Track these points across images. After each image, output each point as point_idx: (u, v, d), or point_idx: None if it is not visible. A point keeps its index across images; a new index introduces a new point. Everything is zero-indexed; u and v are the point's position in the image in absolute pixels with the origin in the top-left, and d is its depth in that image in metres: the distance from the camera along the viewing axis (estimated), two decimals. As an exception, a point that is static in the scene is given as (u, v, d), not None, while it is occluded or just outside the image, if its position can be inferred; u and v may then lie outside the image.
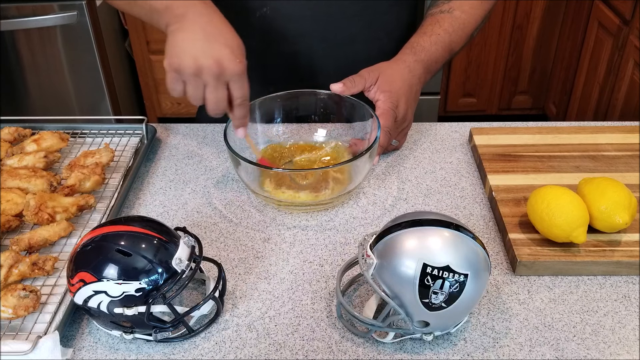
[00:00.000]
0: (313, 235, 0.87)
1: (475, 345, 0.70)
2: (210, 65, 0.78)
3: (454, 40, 1.04)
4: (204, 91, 0.81)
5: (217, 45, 0.79)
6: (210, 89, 0.81)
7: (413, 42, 1.02)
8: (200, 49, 0.79)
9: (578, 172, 0.94)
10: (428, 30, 1.03)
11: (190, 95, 0.82)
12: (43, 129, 1.06)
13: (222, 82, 0.80)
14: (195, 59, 0.78)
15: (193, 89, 0.81)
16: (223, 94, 0.82)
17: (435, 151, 1.04)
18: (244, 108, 0.85)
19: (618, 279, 0.79)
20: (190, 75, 0.79)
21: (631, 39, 2.03)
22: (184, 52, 0.79)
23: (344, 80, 0.95)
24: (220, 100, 0.82)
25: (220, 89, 0.81)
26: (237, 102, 0.83)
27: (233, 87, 0.82)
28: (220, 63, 0.78)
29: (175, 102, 2.90)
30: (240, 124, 0.87)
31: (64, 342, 0.71)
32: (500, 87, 2.85)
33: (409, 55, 1.01)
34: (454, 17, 1.05)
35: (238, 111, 0.85)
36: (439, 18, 1.05)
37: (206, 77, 0.79)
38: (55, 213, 0.84)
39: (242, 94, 0.83)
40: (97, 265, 0.66)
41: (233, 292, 0.78)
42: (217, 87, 0.80)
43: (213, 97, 0.81)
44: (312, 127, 1.03)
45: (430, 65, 1.03)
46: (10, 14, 2.29)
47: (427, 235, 0.66)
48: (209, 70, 0.78)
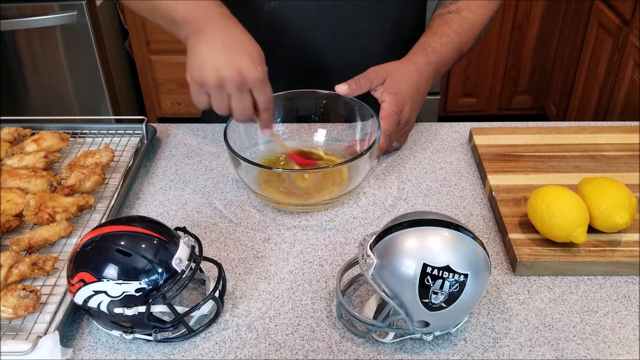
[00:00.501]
0: (313, 235, 0.87)
1: (475, 345, 0.70)
2: (232, 75, 0.79)
3: (463, 41, 1.03)
4: (229, 101, 0.82)
5: (236, 55, 0.80)
6: (235, 98, 0.81)
7: (424, 43, 1.01)
8: (221, 61, 0.79)
9: (578, 172, 0.94)
10: (438, 31, 1.02)
11: (216, 107, 0.83)
12: (43, 129, 1.06)
13: (245, 91, 0.81)
14: (217, 70, 0.79)
15: (218, 101, 0.82)
16: (248, 102, 0.82)
17: (435, 151, 1.04)
18: (269, 112, 0.86)
19: (618, 279, 0.79)
20: (214, 87, 0.80)
21: (631, 39, 2.03)
22: (204, 65, 0.80)
23: (349, 82, 0.94)
24: (246, 108, 0.83)
25: (245, 97, 0.82)
26: (262, 107, 0.84)
27: (257, 93, 0.82)
28: (241, 72, 0.79)
29: (175, 102, 2.90)
30: (266, 125, 0.88)
31: (64, 342, 0.71)
32: (500, 87, 2.85)
33: (420, 57, 1.00)
34: (462, 17, 1.04)
35: (264, 115, 0.86)
36: (448, 19, 1.04)
37: (229, 88, 0.80)
38: (55, 213, 0.84)
39: (266, 99, 0.83)
40: (97, 265, 0.66)
41: (233, 292, 0.78)
42: (241, 96, 0.81)
43: (239, 107, 0.82)
44: (312, 127, 1.03)
45: (441, 67, 1.02)
46: (10, 14, 2.29)
47: (427, 235, 0.66)
48: (231, 81, 0.79)
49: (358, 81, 0.94)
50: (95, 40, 2.39)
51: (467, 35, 1.04)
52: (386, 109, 0.94)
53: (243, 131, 0.96)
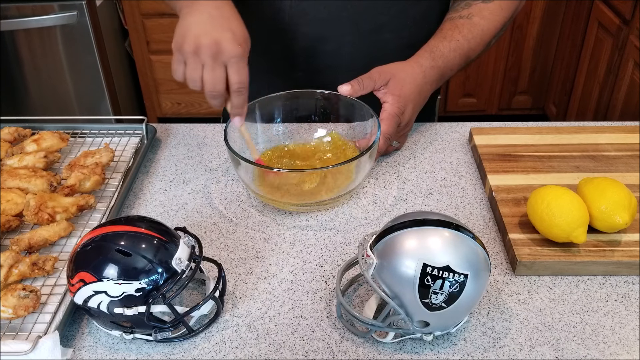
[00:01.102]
0: (313, 235, 0.87)
1: (475, 345, 0.70)
2: (209, 43, 0.80)
3: (472, 48, 1.03)
4: (201, 72, 0.82)
5: (219, 27, 0.81)
6: (207, 68, 0.81)
7: (432, 47, 1.01)
8: (203, 30, 0.81)
9: (578, 172, 0.94)
10: (447, 35, 1.01)
11: (188, 75, 0.83)
12: (43, 129, 1.06)
13: (219, 63, 0.81)
14: (197, 37, 0.80)
15: (191, 69, 0.82)
16: (220, 75, 0.82)
17: (435, 151, 1.04)
18: (241, 95, 0.84)
19: (618, 279, 0.79)
20: (190, 53, 0.81)
21: (631, 39, 2.03)
22: (187, 32, 0.82)
23: (352, 82, 0.94)
24: (217, 81, 0.82)
25: (217, 69, 0.81)
26: (234, 88, 0.83)
27: (230, 70, 0.82)
28: (219, 43, 0.80)
29: (175, 102, 2.91)
30: (237, 113, 0.87)
31: (64, 342, 0.71)
32: (500, 87, 2.85)
33: (426, 60, 0.99)
34: (473, 23, 1.03)
35: (235, 98, 0.85)
36: (458, 23, 1.03)
37: (204, 56, 0.80)
38: (55, 213, 0.84)
39: (240, 79, 0.83)
40: (97, 265, 0.66)
41: (233, 292, 0.78)
42: (214, 67, 0.81)
43: (209, 77, 0.82)
44: (312, 127, 1.03)
45: (446, 72, 1.02)
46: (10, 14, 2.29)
47: (427, 235, 0.66)
48: (207, 49, 0.80)
49: (361, 82, 0.94)
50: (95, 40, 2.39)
51: (477, 42, 1.03)
52: (388, 110, 0.94)
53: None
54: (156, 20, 2.65)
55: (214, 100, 0.85)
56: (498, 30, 1.06)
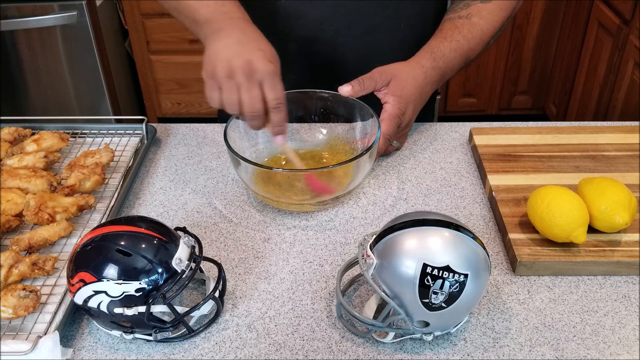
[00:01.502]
0: (313, 235, 0.87)
1: (475, 345, 0.70)
2: (242, 65, 0.79)
3: (471, 48, 1.03)
4: (238, 94, 0.81)
5: (248, 48, 0.81)
6: (244, 89, 0.81)
7: (433, 47, 1.00)
8: (233, 53, 0.80)
9: (578, 172, 0.94)
10: (448, 36, 1.01)
11: (226, 100, 0.82)
12: (43, 129, 1.06)
13: (254, 82, 0.81)
14: (228, 61, 0.80)
15: (227, 93, 0.81)
16: (257, 94, 0.81)
17: (435, 151, 1.04)
18: (280, 112, 0.84)
19: (618, 279, 0.79)
20: (224, 77, 0.80)
21: (631, 39, 2.03)
22: (217, 58, 0.81)
23: (352, 82, 0.93)
24: (255, 100, 0.81)
25: (254, 89, 0.81)
26: (272, 105, 0.82)
27: (266, 88, 0.81)
28: (251, 63, 0.79)
29: (175, 102, 2.91)
30: (278, 131, 0.86)
31: (64, 342, 0.71)
32: (500, 87, 2.85)
33: (427, 61, 0.99)
34: (473, 23, 1.03)
35: (274, 116, 0.84)
36: (458, 24, 1.03)
37: (239, 78, 0.80)
38: (55, 213, 0.84)
39: (276, 95, 0.82)
40: (97, 265, 0.66)
41: (233, 292, 0.78)
42: (250, 87, 0.81)
43: (247, 98, 0.81)
44: (312, 127, 1.03)
45: (446, 73, 1.02)
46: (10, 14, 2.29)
47: (427, 235, 0.66)
48: (240, 70, 0.79)
49: (362, 82, 0.94)
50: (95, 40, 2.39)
51: (477, 42, 1.03)
52: (388, 111, 0.94)
53: (243, 131, 0.96)
54: (156, 20, 2.65)
55: (254, 121, 0.84)
56: (497, 30, 1.06)
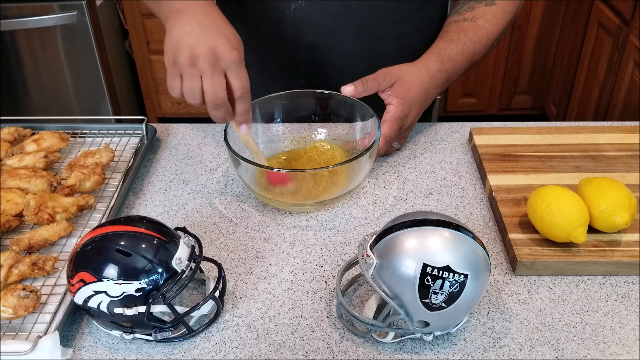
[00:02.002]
0: (313, 235, 0.87)
1: (475, 345, 0.70)
2: (206, 52, 0.76)
3: (477, 51, 1.03)
4: (201, 83, 0.78)
5: (212, 34, 0.78)
6: (206, 77, 0.78)
7: (440, 49, 1.00)
8: (195, 39, 0.77)
9: (578, 172, 0.94)
10: (454, 38, 1.01)
11: (187, 88, 0.79)
12: (43, 129, 1.06)
13: (218, 70, 0.78)
14: (191, 48, 0.77)
15: (189, 81, 0.78)
16: (221, 81, 0.78)
17: (435, 151, 1.04)
18: (245, 101, 0.81)
19: (618, 279, 0.79)
20: (186, 65, 0.77)
21: (631, 39, 2.03)
22: (179, 45, 0.78)
23: (355, 83, 0.93)
24: (218, 88, 0.78)
25: (217, 76, 0.78)
26: (238, 94, 0.80)
27: (231, 76, 0.79)
28: (215, 50, 0.77)
29: (175, 102, 2.90)
30: (242, 120, 0.84)
31: (64, 342, 0.71)
32: (500, 87, 2.85)
33: (434, 63, 0.99)
34: (478, 26, 1.03)
35: (239, 105, 0.81)
36: (464, 26, 1.03)
37: (202, 66, 0.77)
38: (55, 213, 0.84)
39: (241, 84, 0.80)
40: (97, 265, 0.66)
41: (233, 292, 0.78)
42: (213, 75, 0.78)
43: (210, 86, 0.78)
44: (312, 127, 1.03)
45: (452, 75, 1.02)
46: (10, 14, 2.29)
47: (427, 235, 0.66)
48: (204, 58, 0.76)
49: (365, 83, 0.93)
50: (95, 40, 2.39)
51: (482, 44, 1.03)
52: (391, 113, 0.93)
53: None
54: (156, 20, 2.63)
55: (217, 110, 0.80)
56: (501, 32, 1.06)
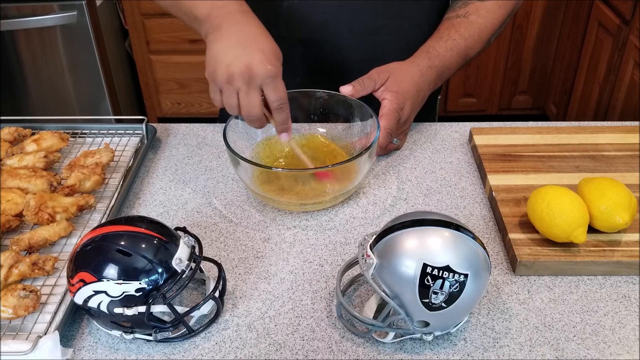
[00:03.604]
0: (313, 235, 0.87)
1: (475, 345, 0.70)
2: (241, 70, 0.78)
3: (469, 46, 1.03)
4: (237, 99, 0.81)
5: (248, 50, 0.80)
6: (242, 94, 0.80)
7: (429, 47, 1.01)
8: (232, 56, 0.79)
9: (578, 172, 0.94)
10: (444, 35, 1.02)
11: (226, 103, 0.82)
12: (43, 129, 1.06)
13: (254, 87, 0.80)
14: (227, 66, 0.79)
15: (227, 97, 0.81)
16: (255, 99, 0.81)
17: (435, 151, 1.04)
18: (283, 112, 0.84)
19: (618, 279, 0.79)
20: (224, 82, 0.80)
21: (631, 39, 2.03)
22: (217, 62, 0.80)
23: (353, 83, 0.95)
24: (252, 105, 0.81)
25: (253, 94, 0.80)
26: (274, 106, 0.82)
27: (267, 90, 0.81)
28: (250, 67, 0.78)
29: (175, 102, 2.90)
30: (282, 129, 0.86)
31: (64, 342, 0.71)
32: (500, 87, 2.85)
33: (423, 60, 1.00)
34: (470, 21, 1.03)
35: (278, 115, 0.84)
36: (455, 23, 1.03)
37: (238, 83, 0.79)
38: (55, 213, 0.84)
39: (278, 97, 0.82)
40: (97, 265, 0.66)
41: (233, 292, 0.78)
42: (248, 92, 0.80)
43: (245, 103, 0.81)
44: (312, 127, 1.03)
45: (444, 71, 1.02)
46: (10, 14, 2.29)
47: (427, 235, 0.66)
48: (239, 76, 0.79)
49: (362, 82, 0.95)
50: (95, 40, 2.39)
51: (474, 40, 1.03)
52: (387, 107, 0.94)
53: (243, 131, 0.96)
54: (156, 20, 2.65)
55: (253, 123, 0.84)
56: (496, 27, 1.06)
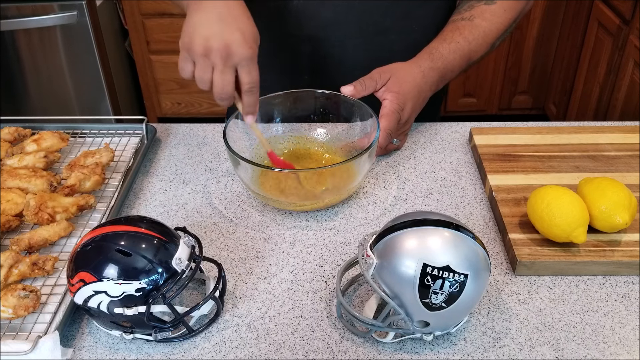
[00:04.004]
0: (313, 235, 0.87)
1: (475, 345, 0.70)
2: (220, 47, 0.79)
3: (473, 49, 1.03)
4: (211, 74, 0.81)
5: (229, 28, 0.80)
6: (217, 71, 0.81)
7: (432, 49, 1.02)
8: (212, 31, 0.80)
9: (578, 172, 0.94)
10: (448, 37, 1.03)
11: (198, 76, 0.82)
12: (43, 129, 1.06)
13: (229, 66, 0.80)
14: (206, 39, 0.79)
15: (201, 71, 0.81)
16: (230, 78, 0.81)
17: (435, 151, 1.04)
18: (253, 95, 0.84)
19: (618, 279, 0.79)
20: (200, 55, 0.80)
21: (631, 39, 2.03)
22: (196, 33, 0.80)
23: (354, 83, 0.95)
24: (226, 84, 0.81)
25: (228, 72, 0.81)
26: (246, 88, 0.83)
27: (241, 72, 0.81)
28: (229, 46, 0.79)
29: (175, 102, 2.90)
30: (249, 111, 0.87)
31: (64, 342, 0.71)
32: (500, 87, 2.85)
33: (425, 61, 1.00)
34: (475, 25, 1.03)
35: (247, 98, 0.84)
36: (460, 25, 1.04)
37: (214, 59, 0.80)
38: (55, 213, 0.84)
39: (251, 79, 0.82)
40: (97, 265, 0.66)
41: (233, 292, 0.78)
42: (224, 70, 0.80)
43: (219, 80, 0.81)
44: (312, 127, 1.03)
45: (446, 73, 1.02)
46: (10, 14, 2.29)
47: (427, 235, 0.66)
48: (217, 52, 0.79)
49: (363, 82, 0.95)
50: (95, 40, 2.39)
51: (478, 43, 1.03)
52: (387, 107, 0.95)
53: (243, 131, 0.96)
54: (156, 20, 2.65)
55: (223, 101, 0.84)
56: (501, 32, 1.06)
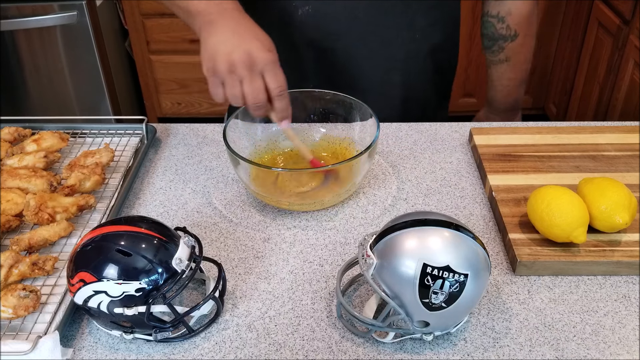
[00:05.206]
0: (313, 235, 0.87)
1: (475, 345, 0.70)
2: (242, 57, 0.80)
3: (519, 78, 1.19)
4: (241, 87, 0.82)
5: (245, 39, 0.82)
6: (246, 82, 0.82)
7: (490, 100, 1.24)
8: (231, 46, 0.81)
9: (578, 172, 0.94)
10: (497, 85, 1.20)
11: (229, 94, 0.83)
12: (43, 129, 1.06)
13: (256, 73, 0.81)
14: (228, 55, 0.80)
15: (231, 87, 0.82)
16: (260, 84, 0.82)
17: (435, 151, 1.04)
18: (283, 99, 0.85)
19: (618, 279, 0.79)
20: (226, 73, 0.81)
21: (631, 39, 2.03)
22: (217, 54, 0.81)
23: None
24: (257, 91, 0.82)
25: (256, 79, 0.82)
26: (275, 93, 0.84)
27: (268, 77, 0.82)
28: (250, 54, 0.80)
29: (175, 102, 2.90)
30: (282, 116, 0.87)
31: (64, 342, 0.71)
32: (500, 87, 2.85)
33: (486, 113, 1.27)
34: (512, 64, 1.16)
35: (278, 103, 0.85)
36: (501, 69, 1.17)
37: (240, 71, 0.81)
38: (55, 213, 0.84)
39: (278, 83, 0.83)
40: (97, 265, 0.66)
41: (233, 292, 0.78)
42: (252, 78, 0.81)
43: (250, 89, 0.82)
44: (312, 127, 1.03)
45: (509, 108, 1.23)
46: (10, 14, 2.29)
47: (427, 235, 0.66)
48: (241, 63, 0.80)
49: None
50: (95, 40, 2.39)
51: (522, 74, 1.19)
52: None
53: (243, 131, 0.96)
54: (156, 20, 2.65)
55: (258, 110, 0.85)
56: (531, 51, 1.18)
